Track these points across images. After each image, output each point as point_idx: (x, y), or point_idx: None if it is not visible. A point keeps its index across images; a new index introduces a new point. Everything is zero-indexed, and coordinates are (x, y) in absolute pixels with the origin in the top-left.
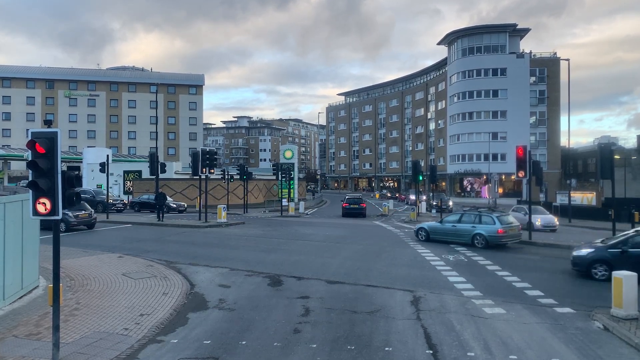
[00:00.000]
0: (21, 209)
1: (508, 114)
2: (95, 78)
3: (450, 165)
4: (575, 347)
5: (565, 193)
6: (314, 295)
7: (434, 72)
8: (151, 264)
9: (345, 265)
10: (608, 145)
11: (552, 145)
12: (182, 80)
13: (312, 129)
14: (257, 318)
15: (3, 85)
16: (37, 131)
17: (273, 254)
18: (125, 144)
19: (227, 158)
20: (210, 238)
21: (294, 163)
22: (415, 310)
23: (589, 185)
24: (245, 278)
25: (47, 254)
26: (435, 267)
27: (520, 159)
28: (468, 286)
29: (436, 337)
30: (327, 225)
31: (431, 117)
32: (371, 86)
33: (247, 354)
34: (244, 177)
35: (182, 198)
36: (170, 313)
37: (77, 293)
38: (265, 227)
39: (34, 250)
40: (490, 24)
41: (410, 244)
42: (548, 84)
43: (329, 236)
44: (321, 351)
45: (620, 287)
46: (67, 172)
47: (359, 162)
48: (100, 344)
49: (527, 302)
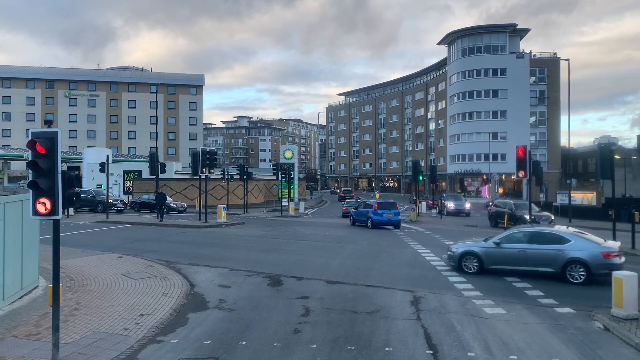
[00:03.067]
0: (21, 209)
1: (508, 114)
2: (95, 78)
3: (450, 165)
4: (576, 347)
5: (566, 193)
6: (314, 295)
7: (434, 72)
8: (151, 264)
9: (345, 265)
10: (608, 145)
11: (552, 145)
12: (182, 81)
13: (312, 129)
14: (257, 318)
15: (3, 86)
16: (37, 131)
17: (273, 254)
18: (125, 144)
19: (227, 158)
20: (210, 238)
21: (294, 163)
22: (415, 311)
23: (589, 185)
24: (245, 278)
25: (47, 254)
26: (436, 267)
27: (520, 158)
28: (468, 286)
29: (436, 337)
30: (327, 225)
31: (431, 117)
32: (371, 86)
33: (247, 354)
34: (244, 177)
35: (182, 198)
36: (170, 313)
37: (77, 293)
38: (265, 227)
39: (34, 250)
40: (490, 24)
41: (410, 244)
42: (548, 84)
43: (329, 236)
44: (321, 351)
45: (620, 287)
46: (67, 172)
47: (359, 162)
48: (100, 344)
49: (528, 302)
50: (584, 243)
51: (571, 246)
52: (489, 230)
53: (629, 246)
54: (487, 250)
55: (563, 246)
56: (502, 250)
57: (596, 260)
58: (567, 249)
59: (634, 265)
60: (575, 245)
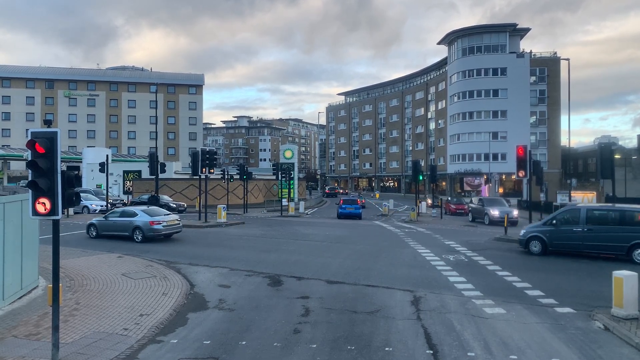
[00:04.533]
0: (21, 209)
1: (508, 114)
2: (95, 78)
3: (450, 165)
4: (576, 347)
5: (566, 193)
6: (314, 295)
7: (434, 72)
8: (151, 264)
9: (345, 265)
10: (608, 145)
11: (553, 145)
12: (182, 80)
13: (312, 128)
14: (257, 318)
15: (3, 85)
16: (37, 131)
17: (273, 254)
18: (125, 144)
19: (227, 158)
20: (210, 238)
21: (294, 163)
22: (415, 310)
23: (590, 185)
24: (245, 278)
25: (47, 254)
26: (436, 267)
27: (520, 158)
28: (468, 286)
29: (436, 337)
30: (327, 225)
31: (431, 116)
32: (371, 86)
33: (247, 354)
34: (243, 177)
35: (182, 198)
36: (170, 313)
37: (76, 293)
38: (265, 227)
39: (34, 251)
40: (490, 24)
41: (410, 244)
42: (548, 83)
43: (329, 236)
44: (321, 351)
45: (620, 286)
46: (67, 172)
47: (359, 161)
48: (99, 344)
49: (528, 302)
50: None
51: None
52: (485, 230)
53: None
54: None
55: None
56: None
57: None
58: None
59: (634, 265)
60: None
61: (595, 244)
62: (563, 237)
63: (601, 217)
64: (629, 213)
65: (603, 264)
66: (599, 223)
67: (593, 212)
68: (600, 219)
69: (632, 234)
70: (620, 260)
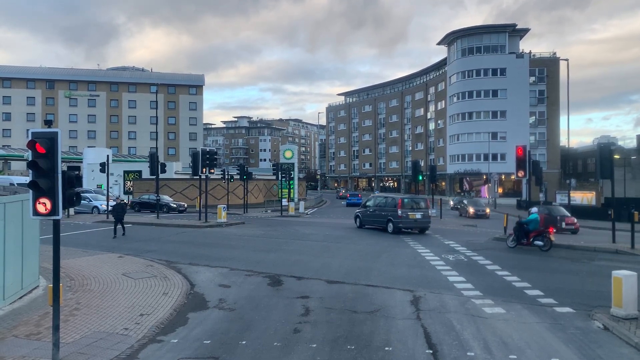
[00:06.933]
0: (21, 208)
1: (508, 114)
2: (95, 78)
3: (450, 165)
4: (575, 347)
5: (565, 193)
6: (314, 295)
7: (434, 72)
8: (151, 264)
9: (345, 265)
10: (607, 145)
11: (552, 145)
12: (182, 81)
13: (312, 129)
14: (257, 318)
15: (3, 86)
16: (38, 131)
17: (273, 253)
18: (126, 144)
19: (227, 158)
20: (210, 238)
21: (294, 163)
22: (415, 310)
23: (589, 185)
24: (245, 278)
25: (47, 254)
26: (435, 266)
27: (520, 158)
28: (468, 286)
29: (436, 336)
30: (327, 225)
31: (431, 117)
32: (371, 86)
33: (247, 353)
34: (244, 177)
35: (183, 198)
36: (170, 313)
37: (77, 293)
38: (265, 227)
39: (34, 250)
40: (490, 24)
41: (410, 244)
42: (548, 83)
43: (329, 236)
44: (321, 351)
45: (620, 286)
46: (68, 172)
47: (358, 162)
48: (100, 344)
49: (527, 302)
50: None
51: None
52: (485, 229)
53: (628, 245)
54: None
55: None
56: None
57: None
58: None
59: (633, 265)
60: None
61: (374, 219)
62: (366, 215)
63: (380, 202)
64: (389, 199)
65: (603, 264)
66: (378, 206)
67: (376, 198)
68: (379, 204)
69: (388, 213)
70: (382, 230)
